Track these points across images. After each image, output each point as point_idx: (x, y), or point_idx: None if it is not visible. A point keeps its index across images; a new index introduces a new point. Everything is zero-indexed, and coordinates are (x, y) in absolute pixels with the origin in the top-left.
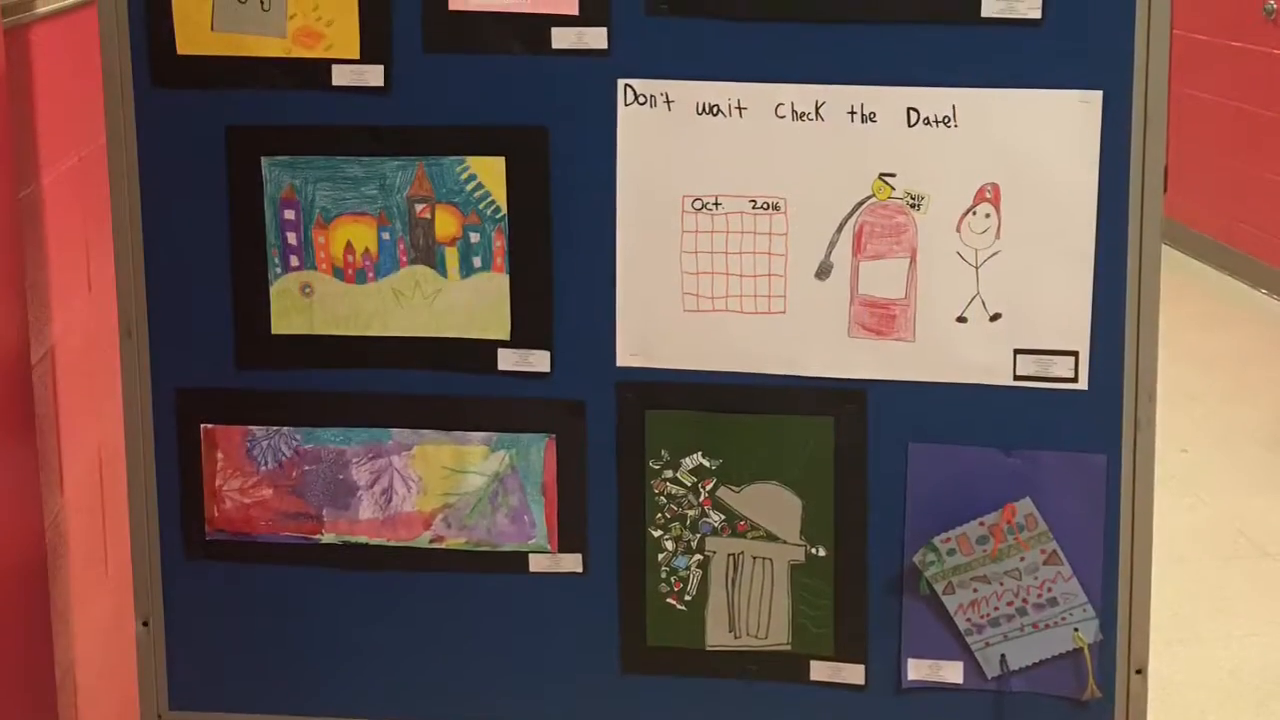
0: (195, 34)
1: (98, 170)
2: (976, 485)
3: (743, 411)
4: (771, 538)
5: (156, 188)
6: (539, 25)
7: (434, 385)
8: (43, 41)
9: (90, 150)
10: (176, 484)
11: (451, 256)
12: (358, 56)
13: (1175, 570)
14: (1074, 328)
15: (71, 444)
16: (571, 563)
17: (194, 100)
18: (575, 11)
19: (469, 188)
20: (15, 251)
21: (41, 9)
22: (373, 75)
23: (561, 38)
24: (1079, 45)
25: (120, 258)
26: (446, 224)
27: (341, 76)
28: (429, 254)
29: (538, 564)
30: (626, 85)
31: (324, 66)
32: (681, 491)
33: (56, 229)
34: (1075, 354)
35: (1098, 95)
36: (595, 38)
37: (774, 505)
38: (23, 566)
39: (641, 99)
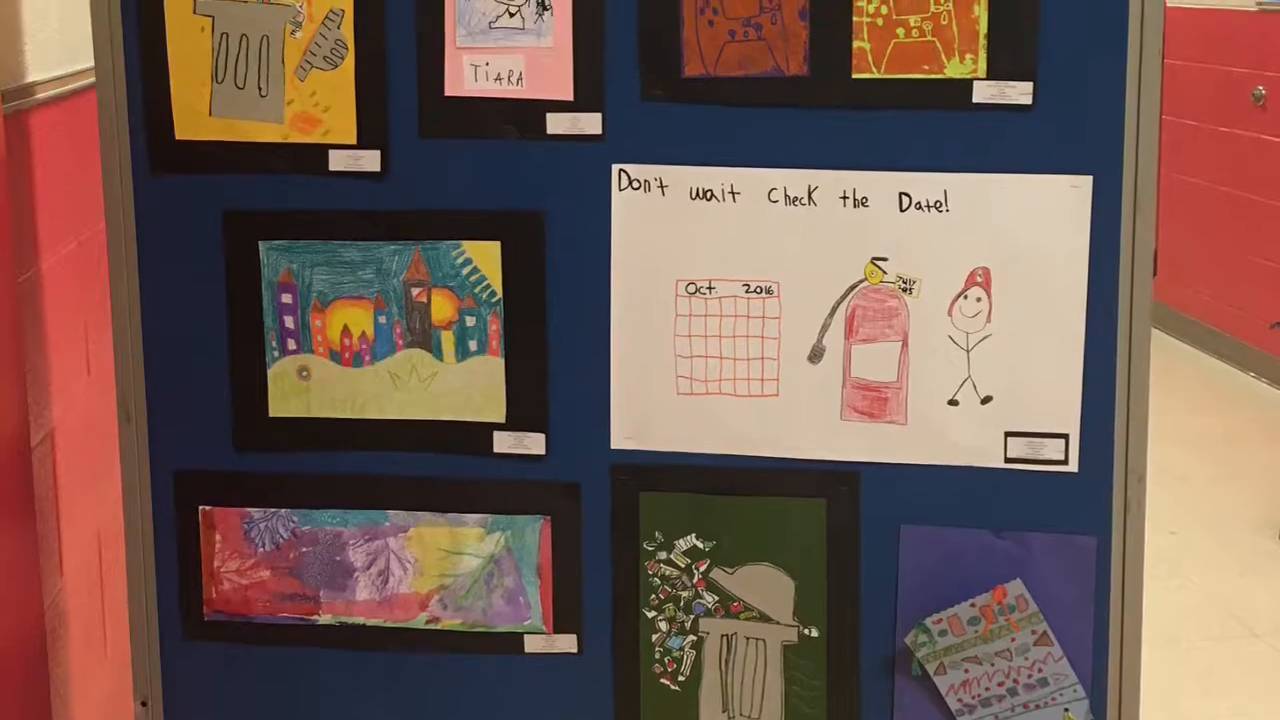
0: (194, 120)
1: (97, 254)
2: (968, 566)
3: (736, 493)
4: (764, 618)
5: (155, 272)
6: (534, 110)
7: (430, 467)
8: (42, 127)
9: (89, 235)
10: (175, 565)
11: (448, 340)
12: (354, 142)
13: (1165, 651)
14: (1064, 410)
15: (71, 525)
16: (566, 643)
17: (192, 185)
18: (570, 97)
19: (465, 272)
20: (15, 335)
21: (41, 95)
22: (369, 160)
23: (556, 123)
24: (1069, 131)
25: (119, 341)
26: (443, 308)
27: (338, 161)
28: (425, 337)
29: (533, 645)
30: (621, 170)
31: (321, 151)
32: (675, 573)
33: (56, 313)
34: (1065, 436)
35: (1088, 180)
36: (590, 123)
37: (767, 586)
38: (22, 647)
39: (636, 184)
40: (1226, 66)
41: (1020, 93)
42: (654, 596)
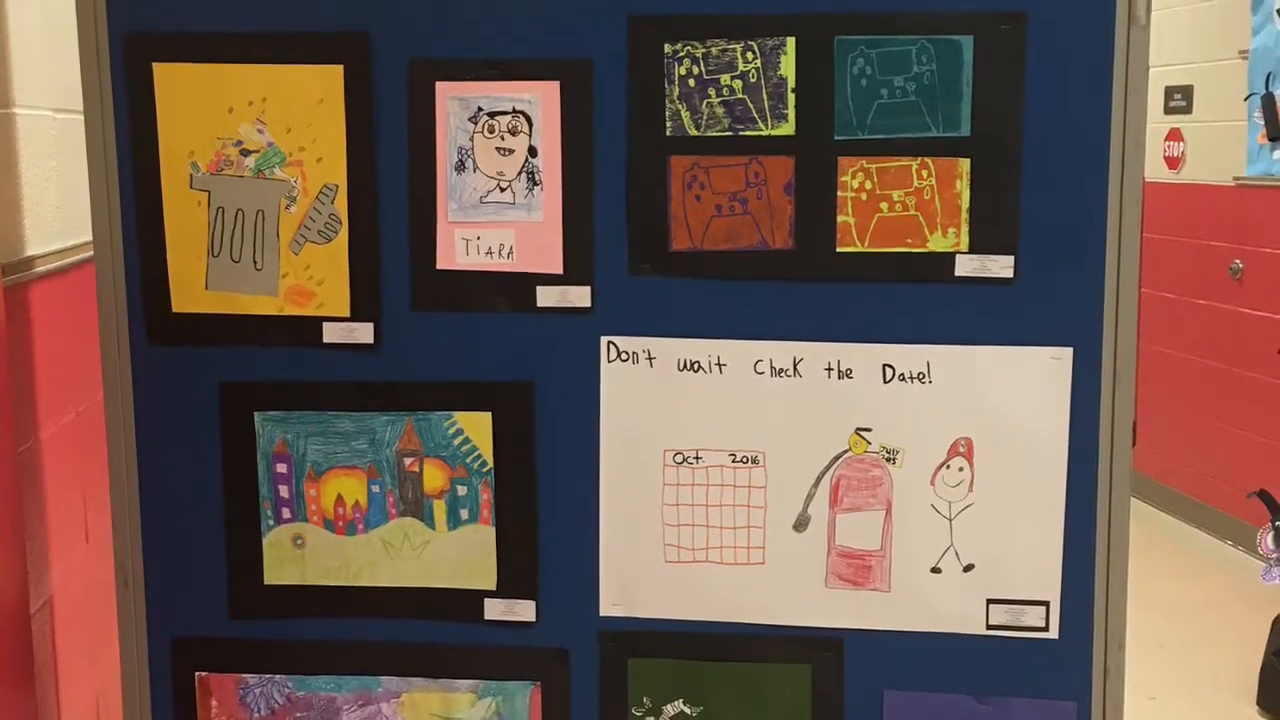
0: (190, 293)
1: (95, 425)
2: None
3: (723, 660)
4: None
5: (152, 442)
6: (524, 284)
7: (422, 634)
8: (41, 300)
9: (88, 406)
10: None
11: (439, 509)
12: (348, 314)
13: None
14: (1045, 578)
15: (70, 692)
16: None
17: (188, 357)
18: (560, 270)
19: (456, 442)
20: (14, 504)
21: (40, 268)
22: (362, 332)
23: (546, 296)
24: (1050, 303)
25: (117, 509)
26: (434, 477)
27: (332, 334)
28: (417, 506)
29: None
30: (609, 342)
31: (315, 324)
32: None
33: (55, 482)
34: (1046, 604)
35: (1068, 352)
36: (579, 296)
37: None
38: None
39: (624, 355)
40: (1204, 240)
41: (1002, 266)
42: None
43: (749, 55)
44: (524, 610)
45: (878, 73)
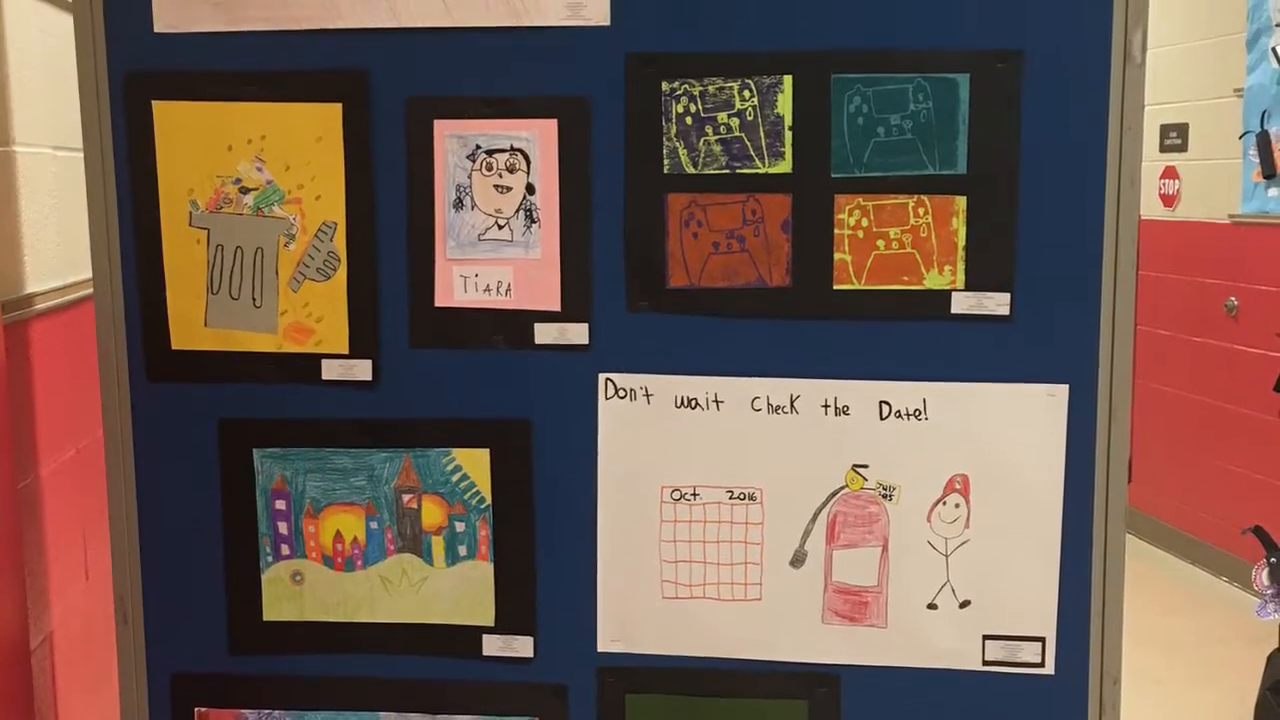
0: (189, 330)
1: (94, 462)
2: None
3: (720, 695)
4: None
5: (152, 479)
6: (522, 321)
7: (420, 670)
8: (41, 337)
9: (87, 443)
10: None
11: (437, 545)
12: (346, 351)
13: None
14: (1041, 614)
15: None
16: None
17: (188, 394)
18: (558, 307)
19: (454, 478)
20: (14, 540)
21: (40, 305)
22: (361, 369)
23: (544, 333)
24: (1046, 341)
25: (116, 546)
26: (433, 514)
27: (331, 371)
28: (416, 543)
29: None
30: (607, 379)
31: (314, 361)
32: None
33: (54, 519)
34: (1042, 640)
35: (1064, 389)
36: (577, 333)
37: None
38: None
39: (622, 392)
40: (1199, 278)
41: (998, 303)
42: None
43: (746, 93)
44: (522, 646)
45: (874, 111)
